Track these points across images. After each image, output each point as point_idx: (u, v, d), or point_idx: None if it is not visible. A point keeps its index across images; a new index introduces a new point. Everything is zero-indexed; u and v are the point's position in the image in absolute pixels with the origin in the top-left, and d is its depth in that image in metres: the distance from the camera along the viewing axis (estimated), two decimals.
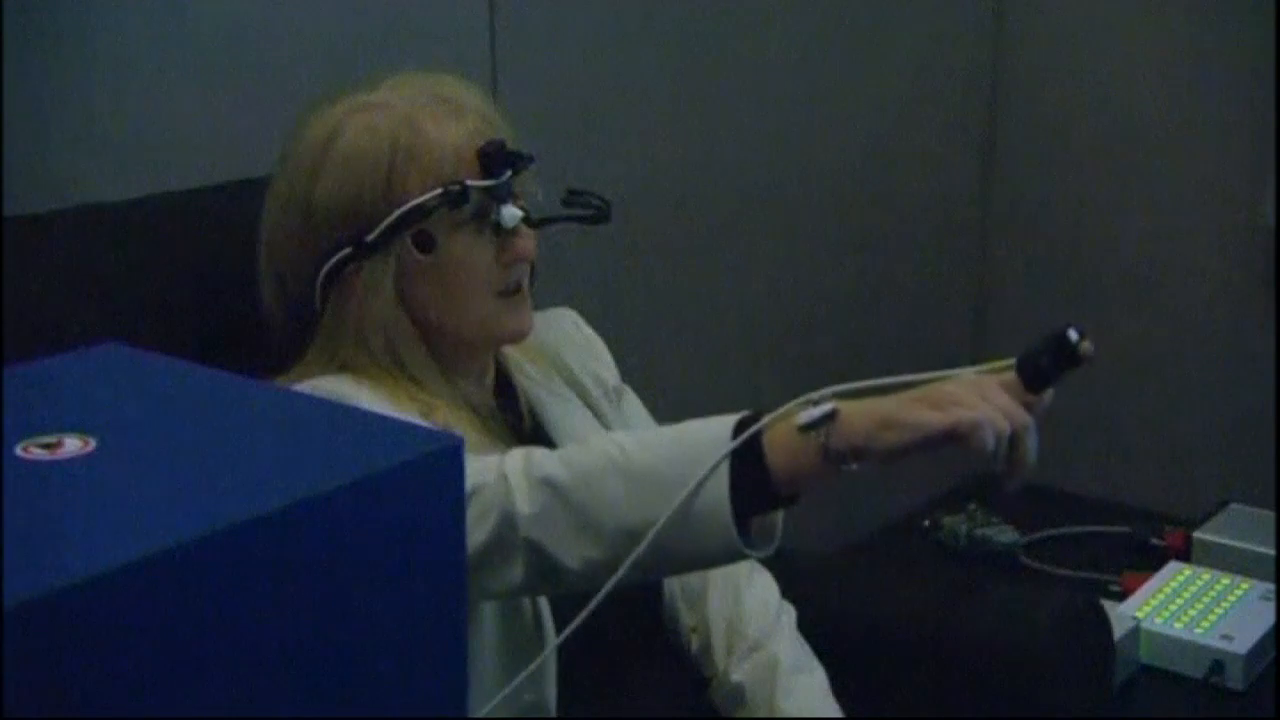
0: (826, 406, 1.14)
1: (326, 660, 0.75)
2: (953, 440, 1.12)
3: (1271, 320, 2.57)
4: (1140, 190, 2.74)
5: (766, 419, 1.15)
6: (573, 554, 1.17)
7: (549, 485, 1.18)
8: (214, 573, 0.69)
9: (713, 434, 1.16)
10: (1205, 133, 2.65)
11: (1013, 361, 1.18)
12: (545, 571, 1.19)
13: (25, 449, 0.74)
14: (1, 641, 0.61)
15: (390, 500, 0.77)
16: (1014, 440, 1.13)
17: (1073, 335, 1.16)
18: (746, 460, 1.14)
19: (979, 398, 1.13)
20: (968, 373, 1.17)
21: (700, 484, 1.13)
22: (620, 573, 1.14)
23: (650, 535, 1.13)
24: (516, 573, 1.19)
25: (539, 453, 1.22)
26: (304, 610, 0.73)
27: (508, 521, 1.18)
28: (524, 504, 1.17)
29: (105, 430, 0.77)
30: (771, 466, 1.14)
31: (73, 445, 0.75)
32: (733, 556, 1.17)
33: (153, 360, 0.90)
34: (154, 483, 0.74)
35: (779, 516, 1.20)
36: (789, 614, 1.54)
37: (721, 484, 1.14)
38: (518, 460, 1.20)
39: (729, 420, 1.16)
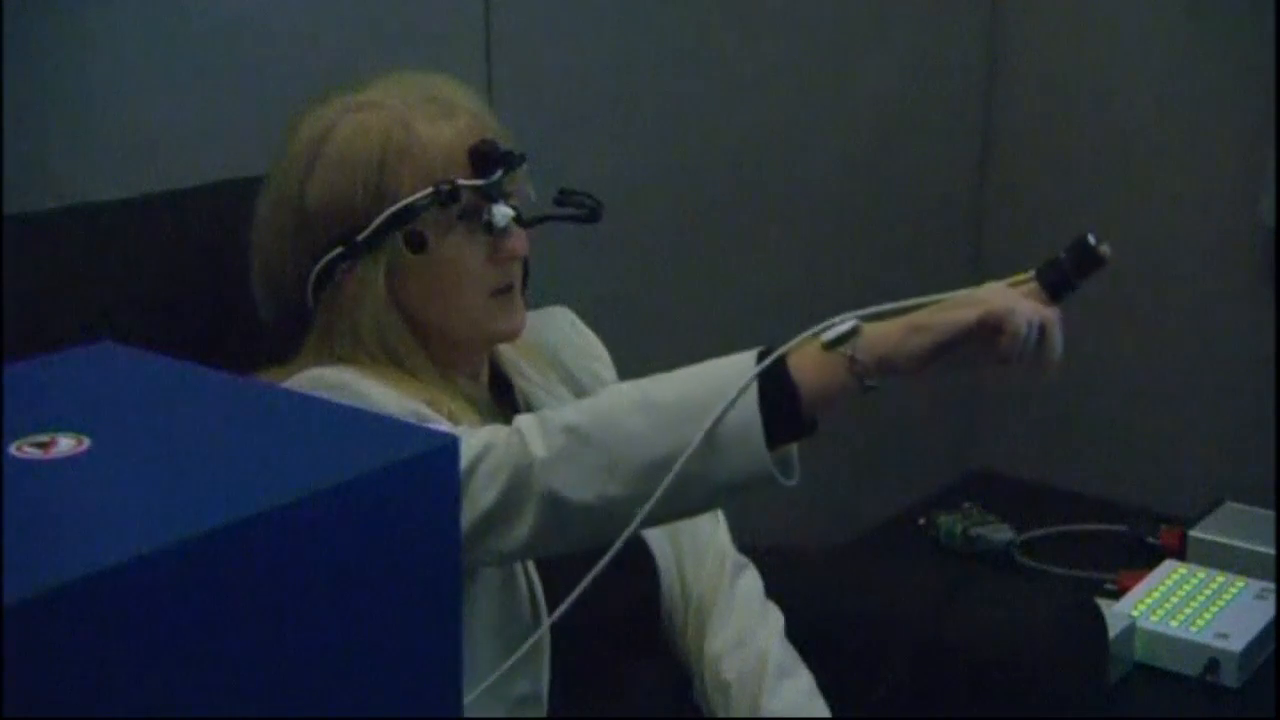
0: (850, 322, 1.18)
1: (321, 658, 0.75)
2: (985, 331, 1.17)
3: (1271, 320, 2.57)
4: (1139, 189, 2.74)
5: (791, 343, 1.19)
6: (592, 494, 1.18)
7: (568, 430, 1.19)
8: (207, 572, 0.69)
9: (736, 363, 1.19)
10: (1204, 132, 2.65)
11: (1032, 273, 1.23)
12: (556, 521, 1.20)
13: (19, 448, 0.75)
14: (1, 641, 0.61)
15: (385, 499, 0.77)
16: (1042, 333, 1.18)
17: (1092, 239, 1.21)
18: (771, 386, 1.17)
19: (1005, 294, 1.19)
20: (990, 286, 1.22)
21: (731, 404, 1.15)
22: (651, 503, 1.16)
23: (683, 458, 1.15)
24: (526, 527, 1.20)
25: (550, 410, 1.24)
26: (298, 608, 0.73)
27: (521, 474, 1.19)
28: (540, 449, 1.19)
29: (99, 429, 0.77)
30: (799, 384, 1.17)
31: (66, 444, 0.75)
32: (761, 480, 1.18)
33: (147, 359, 0.90)
34: (148, 482, 0.74)
35: (795, 451, 1.22)
36: (777, 616, 1.54)
37: (751, 405, 1.16)
38: (529, 418, 1.23)
39: (750, 352, 1.19)
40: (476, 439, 1.21)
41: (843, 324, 1.19)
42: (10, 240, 1.36)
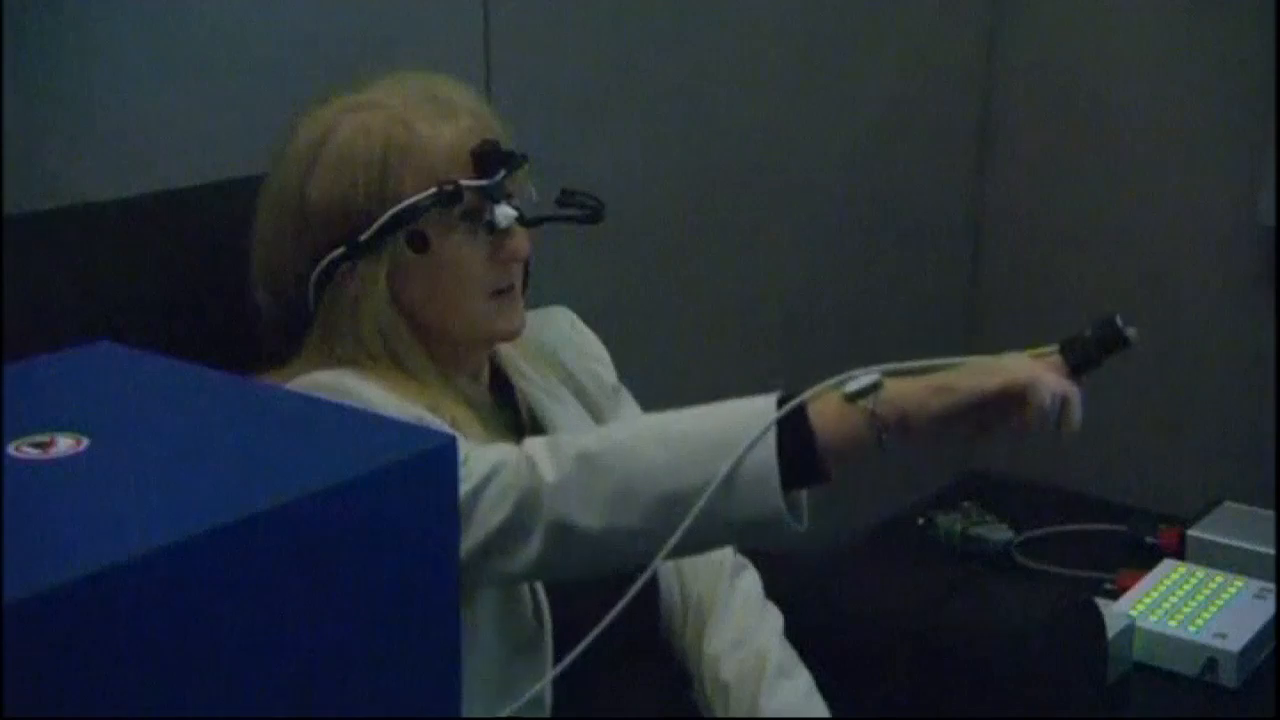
0: (873, 376, 1.18)
1: (320, 657, 0.75)
2: (1008, 400, 1.18)
3: (1270, 320, 2.57)
4: (1139, 189, 2.73)
5: (812, 390, 1.19)
6: (601, 523, 1.18)
7: (581, 457, 1.19)
8: (205, 572, 0.69)
9: (756, 405, 1.19)
10: (1204, 132, 2.65)
11: (1056, 347, 1.24)
12: (564, 548, 1.20)
13: (18, 448, 0.75)
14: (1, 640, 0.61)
15: (383, 498, 0.77)
16: (1063, 407, 1.20)
17: (1119, 320, 1.25)
18: (789, 432, 1.17)
19: (1029, 365, 1.20)
20: (1013, 355, 1.23)
21: (751, 447, 1.15)
22: (673, 541, 1.16)
23: (705, 497, 1.15)
24: (532, 552, 1.20)
25: (564, 436, 1.25)
26: (297, 608, 0.73)
27: (529, 497, 1.19)
28: (551, 474, 1.19)
29: (98, 429, 0.77)
30: (818, 433, 1.17)
31: (65, 444, 0.75)
32: (773, 525, 1.19)
33: (145, 359, 0.91)
34: (145, 482, 0.74)
35: (804, 497, 1.23)
36: (776, 616, 1.54)
37: (769, 449, 1.16)
38: (540, 443, 1.23)
39: (771, 396, 1.20)
40: (485, 460, 1.21)
41: (866, 377, 1.19)
42: (10, 240, 1.36)
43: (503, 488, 1.20)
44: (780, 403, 1.19)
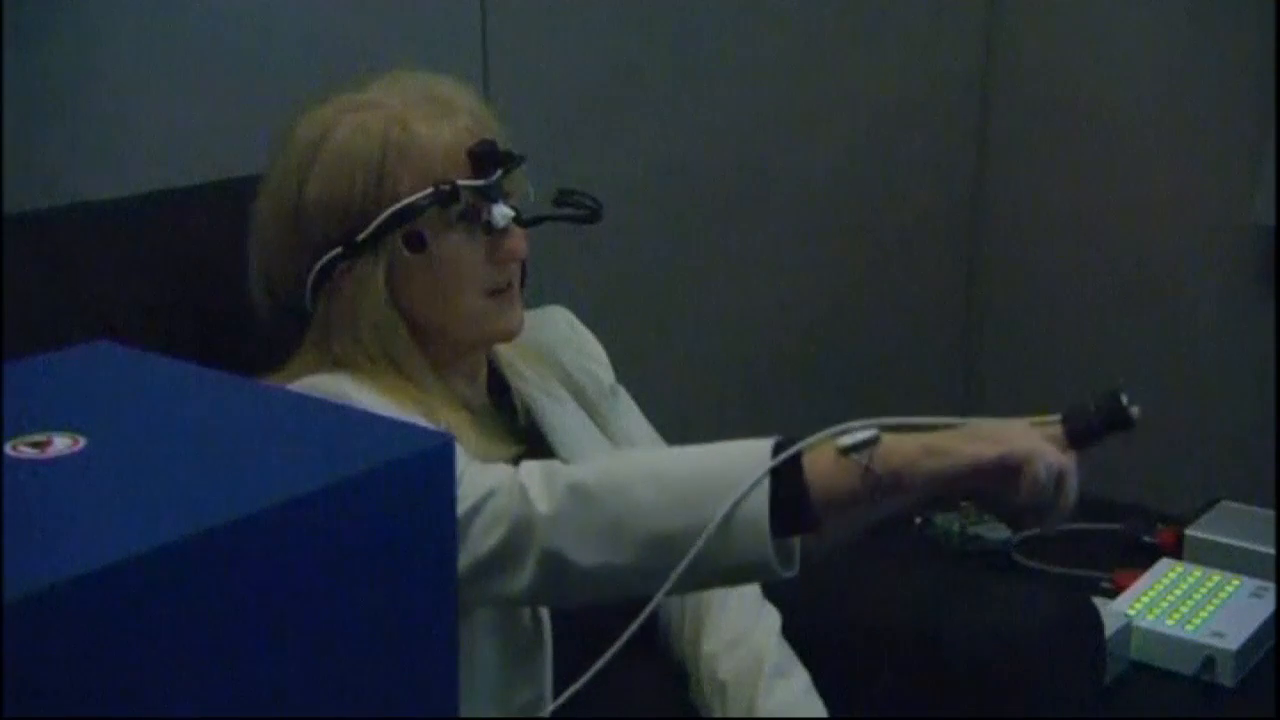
0: (870, 431, 1.17)
1: (316, 658, 0.75)
2: (1004, 470, 1.17)
3: (1270, 320, 2.57)
4: (1137, 189, 2.74)
5: (809, 439, 1.18)
6: (592, 559, 1.18)
7: (576, 490, 1.19)
8: (202, 571, 0.69)
9: (752, 451, 1.19)
10: (1203, 132, 2.65)
11: (1058, 417, 1.23)
12: (556, 579, 1.20)
13: (14, 447, 0.75)
14: (2, 639, 0.61)
15: (381, 498, 0.77)
16: (1058, 481, 1.18)
17: (1124, 398, 1.21)
18: (783, 480, 1.17)
19: (1029, 436, 1.18)
20: (1014, 422, 1.22)
21: (743, 496, 1.15)
22: (668, 585, 1.16)
23: (698, 545, 1.15)
24: (523, 580, 1.20)
25: (558, 463, 1.24)
26: (294, 608, 0.73)
27: (521, 527, 1.19)
28: (545, 507, 1.19)
29: (94, 429, 0.77)
30: (810, 483, 1.17)
31: (62, 444, 0.76)
32: (761, 572, 1.20)
33: (142, 358, 0.91)
34: (141, 482, 0.74)
35: (797, 543, 1.23)
36: (773, 615, 1.55)
37: (762, 497, 1.16)
38: (535, 470, 1.22)
39: (767, 440, 1.19)
40: (480, 483, 1.22)
41: (863, 432, 1.18)
42: (10, 240, 1.36)
43: (495, 513, 1.20)
44: (776, 448, 1.19)
